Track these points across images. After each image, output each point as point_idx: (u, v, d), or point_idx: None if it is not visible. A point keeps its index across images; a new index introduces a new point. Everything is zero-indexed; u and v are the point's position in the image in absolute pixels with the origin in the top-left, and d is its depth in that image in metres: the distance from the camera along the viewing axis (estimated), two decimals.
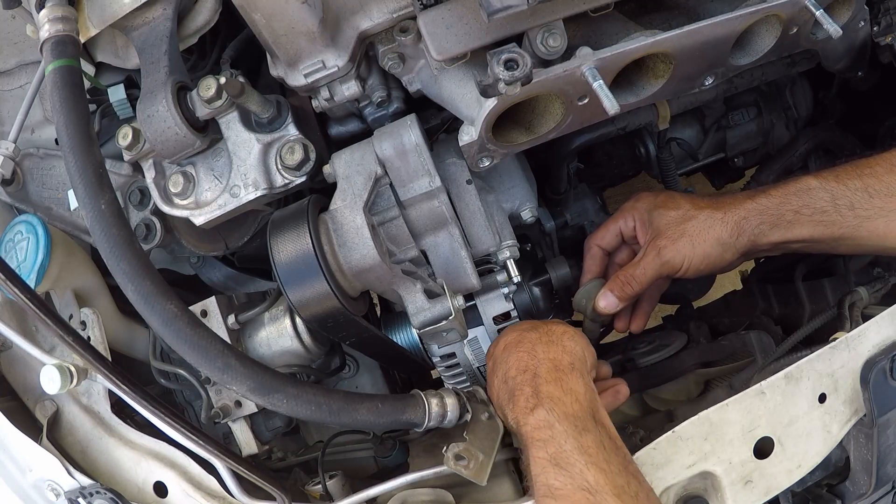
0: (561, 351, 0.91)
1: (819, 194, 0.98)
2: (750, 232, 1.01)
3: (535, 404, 0.85)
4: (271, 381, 0.83)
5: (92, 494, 0.98)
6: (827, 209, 0.97)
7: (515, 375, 0.91)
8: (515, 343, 0.95)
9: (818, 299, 1.29)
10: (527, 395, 0.87)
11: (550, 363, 0.89)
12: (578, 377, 0.88)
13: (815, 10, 0.87)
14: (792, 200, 0.99)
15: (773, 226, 1.00)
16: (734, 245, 1.02)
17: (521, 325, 1.01)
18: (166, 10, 0.94)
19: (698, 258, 1.03)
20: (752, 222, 1.01)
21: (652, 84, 0.93)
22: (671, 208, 1.07)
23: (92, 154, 0.83)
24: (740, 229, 1.01)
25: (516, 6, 0.76)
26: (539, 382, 0.87)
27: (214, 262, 1.19)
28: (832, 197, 0.97)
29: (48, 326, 0.86)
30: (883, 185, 0.95)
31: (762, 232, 1.00)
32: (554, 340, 0.93)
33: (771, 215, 1.00)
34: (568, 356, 0.91)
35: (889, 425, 0.93)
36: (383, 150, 0.94)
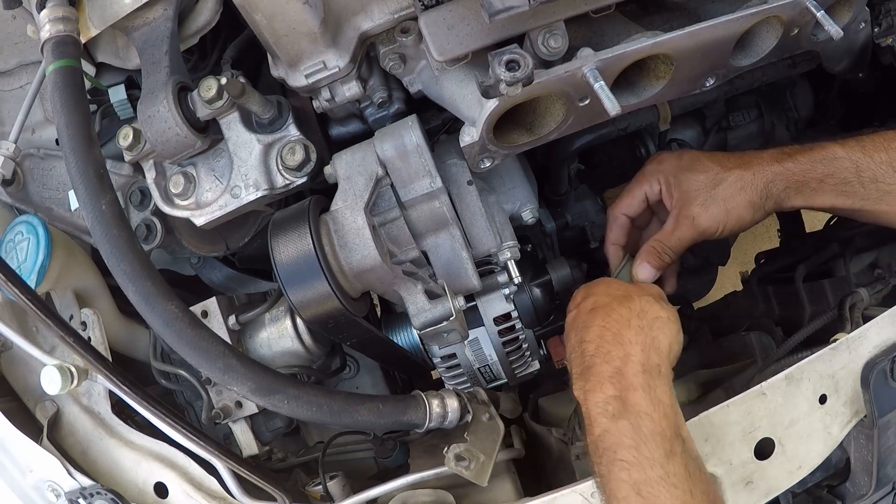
0: (650, 346, 0.86)
1: (844, 164, 0.97)
2: (776, 196, 1.01)
3: (619, 412, 0.80)
4: (272, 382, 0.83)
5: (92, 495, 0.98)
6: (850, 180, 0.97)
7: (594, 354, 0.86)
8: (604, 311, 0.90)
9: (818, 300, 1.29)
10: (608, 396, 0.82)
11: (639, 363, 0.84)
12: (665, 385, 0.83)
13: (816, 12, 0.87)
14: (818, 168, 0.99)
15: (798, 192, 1.00)
16: (763, 206, 1.02)
17: (613, 286, 0.97)
18: (167, 11, 0.94)
19: (732, 222, 1.02)
20: (779, 185, 1.00)
21: (653, 85, 0.93)
22: (699, 171, 1.04)
23: (93, 154, 0.83)
24: (768, 192, 1.01)
25: (518, 7, 0.76)
26: (626, 387, 0.82)
27: (215, 263, 1.19)
28: (857, 168, 0.97)
29: (49, 327, 0.86)
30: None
31: (787, 196, 1.01)
32: (644, 327, 0.87)
33: (796, 181, 1.00)
34: (656, 355, 0.85)
35: (889, 426, 0.93)
36: (384, 150, 0.94)
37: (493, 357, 1.09)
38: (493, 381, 1.15)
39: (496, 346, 1.08)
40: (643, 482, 0.76)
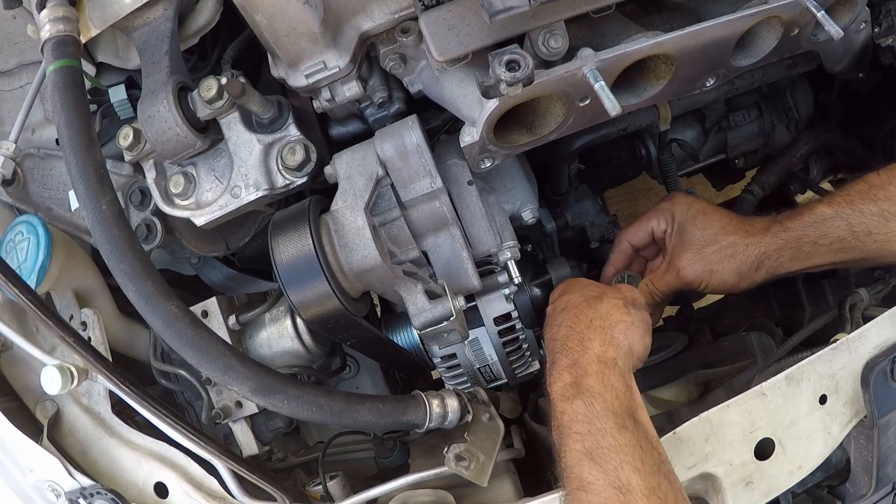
0: (609, 343, 0.91)
1: (835, 223, 0.99)
2: (769, 266, 1.04)
3: (573, 394, 0.85)
4: (272, 382, 0.83)
5: (92, 495, 0.98)
6: (845, 237, 0.99)
7: (559, 351, 0.91)
8: (573, 311, 0.96)
9: (819, 301, 1.29)
10: (566, 383, 0.86)
11: (595, 355, 0.89)
12: (619, 376, 0.87)
13: (816, 12, 0.87)
14: (809, 232, 1.01)
15: (792, 258, 1.03)
16: (751, 277, 1.06)
17: (589, 287, 1.02)
18: (167, 11, 0.94)
19: (715, 283, 1.08)
20: (772, 258, 1.04)
21: (653, 85, 0.93)
22: (700, 227, 1.10)
23: (93, 154, 0.83)
24: (759, 263, 1.04)
25: (518, 7, 0.76)
26: (580, 374, 0.87)
27: (215, 263, 1.19)
28: (848, 225, 0.98)
29: (49, 327, 0.86)
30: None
31: (781, 264, 1.04)
32: (607, 328, 0.92)
33: (790, 249, 1.02)
34: (614, 350, 0.90)
35: (889, 426, 0.93)
36: (384, 150, 0.94)
37: (493, 357, 1.09)
38: (493, 381, 1.15)
39: (496, 346, 1.08)
40: (595, 449, 0.80)
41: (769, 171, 1.45)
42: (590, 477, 0.78)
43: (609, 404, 0.83)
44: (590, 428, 0.81)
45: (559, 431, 0.85)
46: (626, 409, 0.84)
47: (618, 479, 0.76)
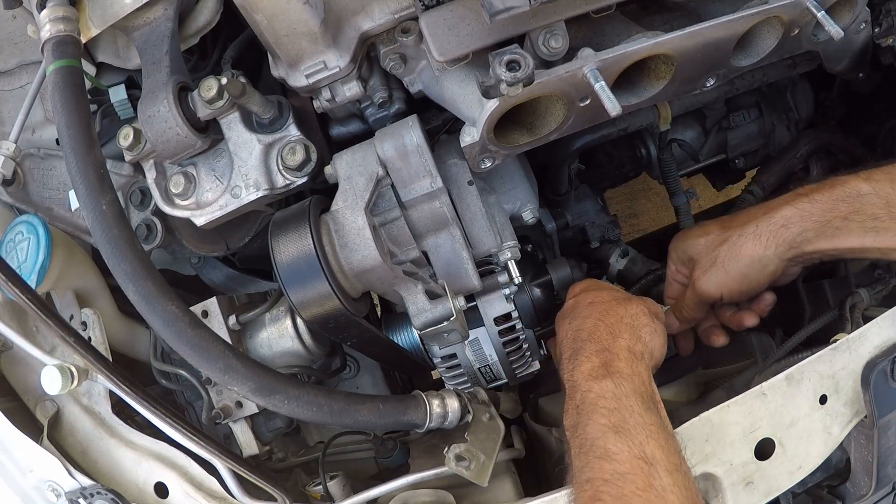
0: (637, 340, 0.92)
1: (871, 200, 0.91)
2: (791, 240, 0.96)
3: (603, 374, 0.85)
4: (273, 382, 0.83)
5: (93, 495, 0.98)
6: (880, 215, 0.90)
7: (586, 339, 0.91)
8: (603, 307, 0.96)
9: (819, 301, 1.29)
10: (595, 365, 0.87)
11: (625, 345, 0.90)
12: (646, 367, 0.89)
13: (816, 12, 0.87)
14: (840, 206, 0.93)
15: (819, 233, 0.94)
16: (774, 256, 0.97)
17: (616, 290, 1.02)
18: (167, 11, 0.94)
19: (735, 281, 1.01)
20: (794, 230, 0.96)
21: (653, 85, 0.93)
22: (699, 235, 1.06)
23: (93, 154, 0.83)
24: (778, 238, 0.97)
25: (518, 7, 0.76)
26: (610, 358, 0.87)
27: (215, 263, 1.19)
28: (886, 203, 0.90)
29: (49, 327, 0.86)
30: None
31: (806, 239, 0.95)
32: (636, 327, 0.93)
33: (815, 221, 0.94)
34: (641, 345, 0.91)
35: (889, 427, 0.93)
36: (385, 150, 0.94)
37: (494, 357, 1.09)
38: (493, 381, 1.15)
39: (496, 346, 1.08)
40: (621, 423, 0.79)
41: (769, 172, 1.44)
42: (614, 448, 0.77)
43: (637, 388, 0.84)
44: (617, 405, 0.81)
45: (582, 408, 0.84)
46: (652, 398, 0.85)
47: (643, 452, 0.76)
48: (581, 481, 0.78)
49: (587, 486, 0.77)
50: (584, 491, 0.77)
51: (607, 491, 0.75)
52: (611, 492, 0.74)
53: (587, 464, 0.79)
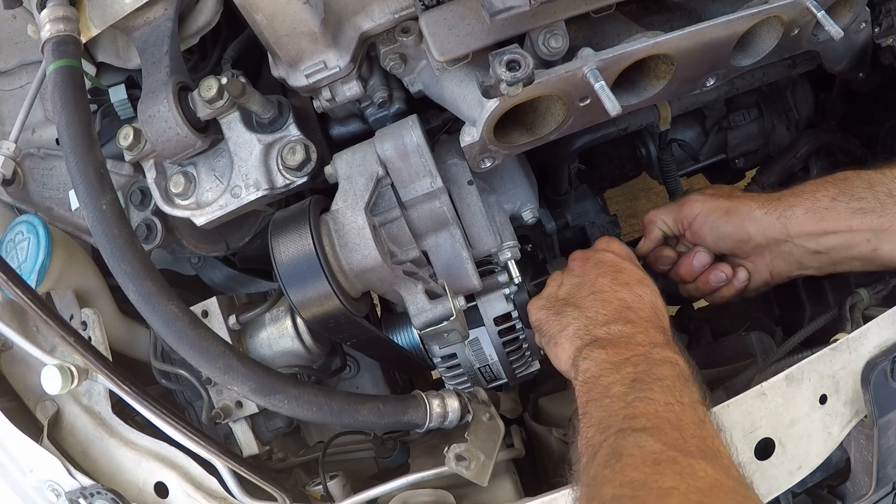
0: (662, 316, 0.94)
1: (855, 182, 0.96)
2: (781, 212, 0.99)
3: (672, 350, 0.85)
4: (273, 382, 0.83)
5: (93, 495, 0.98)
6: (864, 195, 0.94)
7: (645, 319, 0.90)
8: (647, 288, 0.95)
9: (819, 300, 1.29)
10: (660, 339, 0.87)
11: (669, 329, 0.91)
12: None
13: (816, 12, 0.87)
14: (828, 187, 0.98)
15: (808, 210, 0.98)
16: (760, 218, 1.01)
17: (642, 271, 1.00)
18: (167, 11, 0.94)
19: (719, 212, 1.04)
20: (784, 203, 1.00)
21: (653, 85, 0.94)
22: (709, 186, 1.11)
23: (93, 154, 0.83)
24: (771, 206, 1.00)
25: (518, 7, 0.76)
26: (670, 338, 0.88)
27: (215, 263, 1.19)
28: (869, 184, 0.95)
29: (49, 327, 0.86)
30: None
31: (794, 215, 0.98)
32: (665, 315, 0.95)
33: (804, 200, 0.98)
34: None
35: (889, 426, 0.93)
36: (385, 150, 0.94)
37: (494, 357, 1.09)
38: (493, 381, 1.15)
39: (496, 346, 1.08)
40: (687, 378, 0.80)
41: (769, 172, 1.44)
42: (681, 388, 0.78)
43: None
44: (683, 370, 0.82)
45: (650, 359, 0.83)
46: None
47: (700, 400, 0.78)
48: (635, 399, 0.77)
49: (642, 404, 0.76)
50: (638, 406, 0.76)
51: (666, 414, 0.74)
52: (670, 416, 0.74)
53: (648, 388, 0.78)
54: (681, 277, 1.12)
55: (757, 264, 1.07)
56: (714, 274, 1.08)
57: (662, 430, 0.72)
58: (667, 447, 0.70)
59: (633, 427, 0.73)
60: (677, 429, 0.73)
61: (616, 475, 0.70)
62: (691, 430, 0.73)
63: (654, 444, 0.70)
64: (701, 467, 0.67)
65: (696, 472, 0.67)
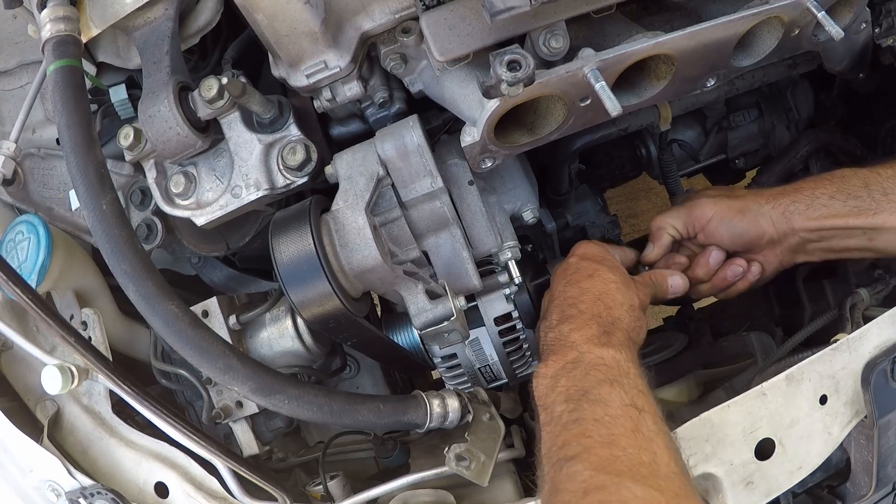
0: (632, 328, 0.95)
1: (852, 180, 1.01)
2: (784, 207, 1.04)
3: (604, 343, 0.88)
4: (273, 382, 0.83)
5: (93, 495, 0.98)
6: (860, 194, 0.99)
7: (585, 310, 0.93)
8: (602, 285, 0.97)
9: (819, 300, 1.29)
10: (595, 333, 0.90)
11: (624, 327, 0.93)
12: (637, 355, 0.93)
13: (816, 12, 0.87)
14: (825, 185, 1.02)
15: (808, 206, 1.02)
16: (769, 213, 1.05)
17: (616, 269, 1.02)
18: (168, 11, 0.94)
19: (730, 211, 1.07)
20: (788, 198, 1.04)
21: (654, 85, 0.94)
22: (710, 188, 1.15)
23: (93, 154, 0.83)
24: (775, 201, 1.04)
25: (519, 7, 0.76)
26: (611, 331, 0.91)
27: (215, 263, 1.19)
28: (864, 183, 0.99)
29: (49, 326, 0.86)
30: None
31: (797, 210, 1.03)
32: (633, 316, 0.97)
33: (805, 196, 1.03)
34: (634, 334, 0.95)
35: (890, 427, 0.93)
36: (385, 150, 0.94)
37: (494, 357, 1.09)
38: (493, 381, 1.15)
39: (497, 346, 1.08)
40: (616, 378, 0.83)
41: (769, 172, 1.44)
42: (608, 396, 0.80)
43: (633, 360, 0.88)
44: (615, 366, 0.85)
45: (578, 363, 0.86)
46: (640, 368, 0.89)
47: (633, 402, 0.80)
48: (568, 421, 0.79)
49: (574, 427, 0.78)
50: (570, 430, 0.78)
51: (596, 430, 0.76)
52: (600, 431, 0.76)
53: (578, 406, 0.80)
54: (697, 278, 1.13)
55: (768, 257, 1.10)
56: (731, 269, 1.11)
57: (592, 451, 0.74)
58: (596, 471, 0.71)
59: (566, 456, 0.75)
60: (608, 445, 0.74)
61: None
62: (623, 442, 0.74)
63: (583, 472, 0.72)
64: (629, 490, 0.68)
65: (623, 497, 0.68)
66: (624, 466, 0.71)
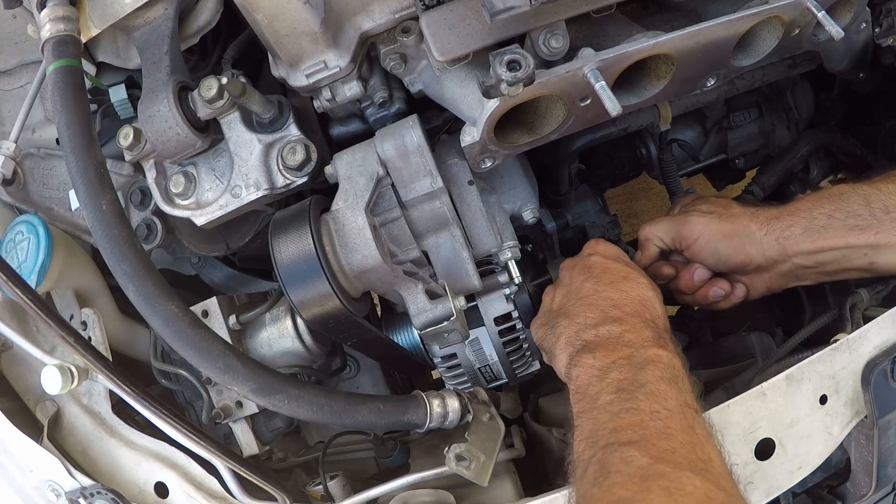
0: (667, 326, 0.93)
1: (851, 197, 0.96)
2: (779, 233, 0.99)
3: (661, 345, 0.86)
4: (273, 382, 0.83)
5: (93, 495, 0.98)
6: (861, 212, 0.95)
7: (632, 314, 0.90)
8: (637, 288, 0.95)
9: (819, 301, 1.29)
10: (649, 335, 0.87)
11: (665, 321, 0.92)
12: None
13: (816, 12, 0.87)
14: (824, 203, 0.98)
15: (805, 229, 0.98)
16: (760, 241, 1.00)
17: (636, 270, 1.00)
18: (168, 10, 0.94)
19: (720, 235, 1.03)
20: (783, 223, 0.99)
21: (654, 85, 0.93)
22: (713, 198, 1.11)
23: (93, 154, 0.83)
24: (770, 227, 1.00)
25: (519, 7, 0.76)
26: (662, 332, 0.89)
27: (215, 263, 1.19)
28: (865, 200, 0.95)
29: (49, 327, 0.86)
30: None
31: (792, 235, 0.99)
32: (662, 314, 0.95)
33: (802, 218, 0.98)
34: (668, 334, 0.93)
35: (890, 427, 0.93)
36: (385, 150, 0.94)
37: (494, 357, 1.09)
38: (493, 381, 1.15)
39: (497, 346, 1.08)
40: (674, 377, 0.81)
41: (769, 172, 1.45)
42: (666, 390, 0.79)
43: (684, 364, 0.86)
44: (672, 366, 0.83)
45: (635, 359, 0.84)
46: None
47: (689, 402, 0.79)
48: (620, 410, 0.77)
49: (627, 415, 0.76)
50: (623, 418, 0.76)
51: (653, 423, 0.74)
52: (657, 424, 0.74)
53: (633, 397, 0.78)
54: (679, 290, 1.12)
55: (754, 281, 1.07)
56: (713, 290, 1.09)
57: (649, 441, 0.72)
58: (654, 460, 0.70)
59: (619, 441, 0.73)
60: (665, 438, 0.73)
61: (604, 494, 0.70)
62: (680, 437, 0.73)
63: (641, 459, 0.70)
64: (690, 480, 0.67)
65: (684, 486, 0.67)
66: (683, 459, 0.70)
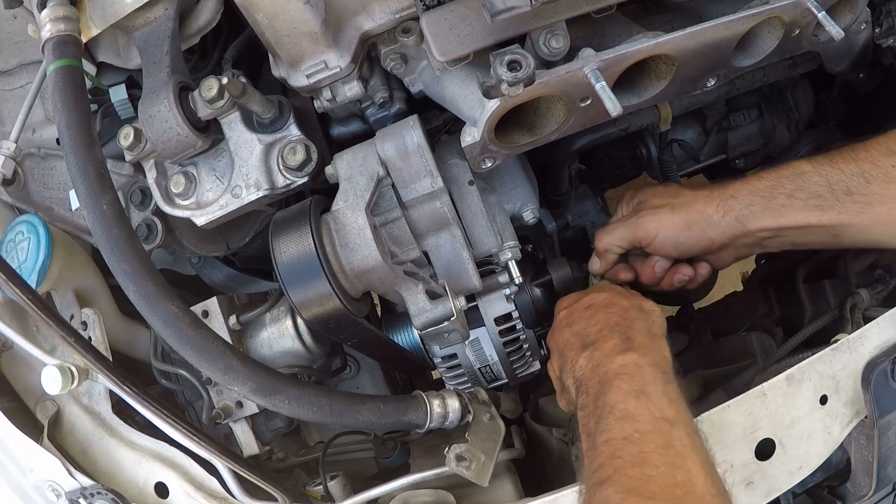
0: (652, 323, 0.93)
1: (813, 178, 0.94)
2: (738, 212, 0.98)
3: (626, 348, 0.86)
4: (273, 382, 0.83)
5: (93, 495, 0.98)
6: (822, 193, 0.93)
7: (601, 329, 0.91)
8: (605, 304, 0.96)
9: (819, 301, 1.29)
10: (615, 343, 0.87)
11: (644, 327, 0.91)
12: (664, 345, 0.90)
13: (817, 12, 0.87)
14: (784, 184, 0.96)
15: (765, 208, 0.96)
16: (719, 223, 0.99)
17: (611, 288, 1.02)
18: (168, 10, 0.94)
19: (677, 228, 1.01)
20: (741, 202, 0.98)
21: (654, 85, 0.93)
22: (658, 187, 1.09)
23: (93, 154, 0.83)
24: (727, 207, 0.98)
25: (519, 7, 0.76)
26: (632, 335, 0.88)
27: (216, 263, 1.19)
28: (827, 181, 0.93)
29: (49, 327, 0.86)
30: (880, 171, 0.91)
31: (752, 213, 0.97)
32: (646, 311, 0.95)
33: (762, 197, 0.97)
34: (658, 328, 0.93)
35: (890, 427, 0.93)
36: (385, 150, 0.94)
37: (494, 357, 1.09)
38: (493, 382, 1.15)
39: (497, 347, 1.08)
40: (643, 388, 0.80)
41: None
42: (635, 409, 0.78)
43: (658, 361, 0.85)
44: (639, 373, 0.82)
45: (604, 379, 0.83)
46: (671, 372, 0.85)
47: (664, 414, 0.77)
48: (599, 443, 0.77)
49: (605, 448, 0.75)
50: (602, 452, 0.75)
51: (626, 449, 0.74)
52: (630, 450, 0.73)
53: (606, 426, 0.77)
54: (644, 286, 1.12)
55: (720, 256, 1.06)
56: (677, 276, 1.08)
57: (622, 472, 0.72)
58: (627, 494, 0.70)
59: (599, 480, 0.73)
60: (639, 464, 0.72)
61: None
62: (654, 460, 0.72)
63: (614, 496, 0.70)
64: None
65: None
66: (657, 487, 0.69)
